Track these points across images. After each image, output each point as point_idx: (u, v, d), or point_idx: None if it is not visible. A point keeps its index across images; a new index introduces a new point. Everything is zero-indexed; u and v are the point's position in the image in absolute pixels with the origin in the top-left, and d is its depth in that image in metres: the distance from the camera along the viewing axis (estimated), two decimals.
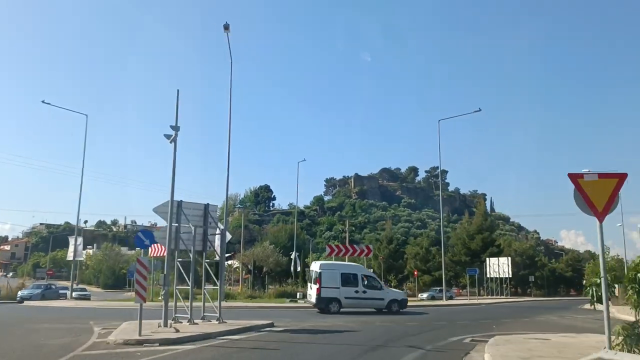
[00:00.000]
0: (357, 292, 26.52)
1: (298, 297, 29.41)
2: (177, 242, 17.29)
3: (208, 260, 20.32)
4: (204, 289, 19.58)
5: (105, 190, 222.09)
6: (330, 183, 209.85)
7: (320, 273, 26.05)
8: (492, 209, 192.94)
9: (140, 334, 13.73)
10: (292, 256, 46.30)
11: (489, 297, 65.38)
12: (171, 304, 17.30)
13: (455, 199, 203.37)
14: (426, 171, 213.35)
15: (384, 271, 67.65)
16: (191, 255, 17.71)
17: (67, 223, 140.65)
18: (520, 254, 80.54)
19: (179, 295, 17.84)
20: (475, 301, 46.68)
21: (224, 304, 19.39)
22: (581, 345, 12.79)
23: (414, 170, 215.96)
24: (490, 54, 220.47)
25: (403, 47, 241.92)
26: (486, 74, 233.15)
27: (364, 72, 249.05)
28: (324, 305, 25.56)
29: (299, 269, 46.42)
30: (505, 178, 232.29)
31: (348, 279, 26.53)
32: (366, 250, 31.06)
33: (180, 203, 17.40)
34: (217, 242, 19.07)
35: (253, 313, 24.88)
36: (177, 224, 17.25)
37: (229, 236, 20.97)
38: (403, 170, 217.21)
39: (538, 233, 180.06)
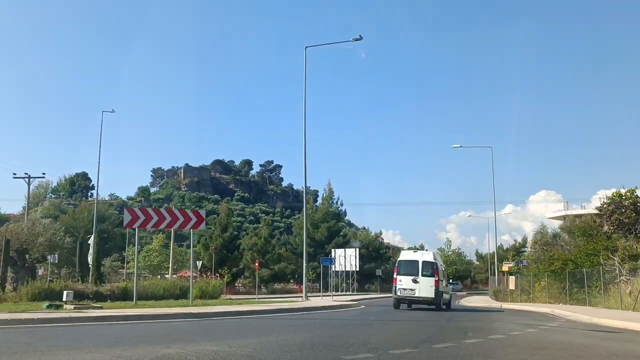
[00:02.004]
0: None
1: (65, 298, 17.31)
2: None
3: None
4: None
5: None
6: (157, 173, 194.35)
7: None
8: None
9: None
10: (91, 241, 33.80)
11: (339, 293, 57.22)
12: None
13: (289, 194, 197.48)
14: (261, 165, 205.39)
15: (215, 264, 56.81)
16: None
17: None
18: (366, 246, 73.66)
19: None
20: (345, 299, 37.42)
21: None
22: None
23: (248, 164, 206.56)
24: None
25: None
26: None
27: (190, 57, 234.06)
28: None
29: (90, 259, 33.81)
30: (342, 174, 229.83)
31: None
32: (195, 219, 20.07)
33: None
34: None
35: None
36: None
37: None
38: (237, 162, 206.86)
39: (367, 229, 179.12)
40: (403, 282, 23.72)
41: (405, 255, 25.70)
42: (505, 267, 55.66)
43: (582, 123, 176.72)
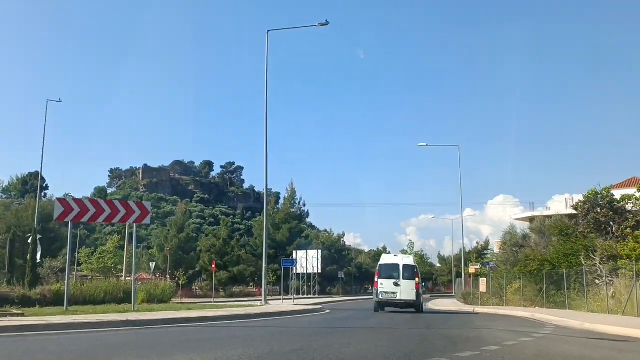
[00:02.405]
0: None
1: None
2: None
3: None
4: None
5: None
6: (115, 174, 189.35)
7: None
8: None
9: None
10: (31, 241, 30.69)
11: (300, 296, 55.01)
12: None
13: (250, 196, 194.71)
14: (222, 166, 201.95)
15: (171, 265, 54.00)
16: None
17: None
18: (328, 247, 71.55)
19: None
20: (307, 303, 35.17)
21: None
22: None
23: (209, 165, 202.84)
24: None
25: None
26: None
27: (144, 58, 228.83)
28: None
29: (38, 259, 30.62)
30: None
31: None
32: (138, 212, 17.50)
33: None
34: None
35: None
36: None
37: None
38: (198, 164, 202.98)
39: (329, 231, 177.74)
40: (385, 286, 23.94)
41: (385, 259, 26.21)
42: (472, 269, 54.27)
43: (549, 126, 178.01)
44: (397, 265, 24.45)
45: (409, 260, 25.67)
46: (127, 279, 46.60)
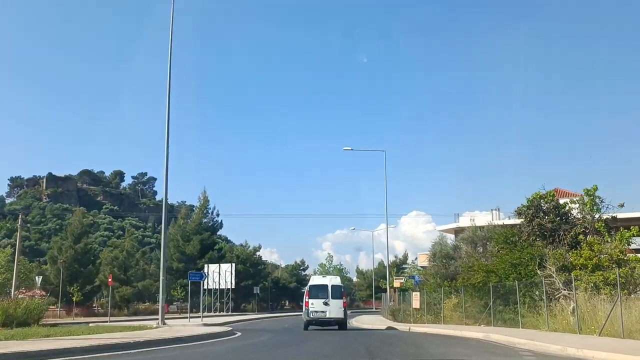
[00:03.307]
0: None
1: None
2: None
3: None
4: None
5: None
6: (16, 183, 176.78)
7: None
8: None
9: None
10: None
11: (211, 314, 50.01)
12: None
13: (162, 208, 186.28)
14: (133, 177, 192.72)
15: (64, 280, 47.65)
16: None
17: None
18: (243, 261, 66.69)
19: None
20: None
21: None
22: None
23: (119, 175, 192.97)
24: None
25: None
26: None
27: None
28: None
29: None
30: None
31: None
32: None
33: None
34: None
35: None
36: None
37: None
38: (108, 174, 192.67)
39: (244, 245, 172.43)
40: (315, 305, 25.03)
41: (315, 280, 27.58)
42: (397, 283, 50.91)
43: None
44: (326, 285, 25.79)
45: (337, 281, 27.16)
46: (20, 296, 40.31)
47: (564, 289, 20.65)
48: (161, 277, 21.73)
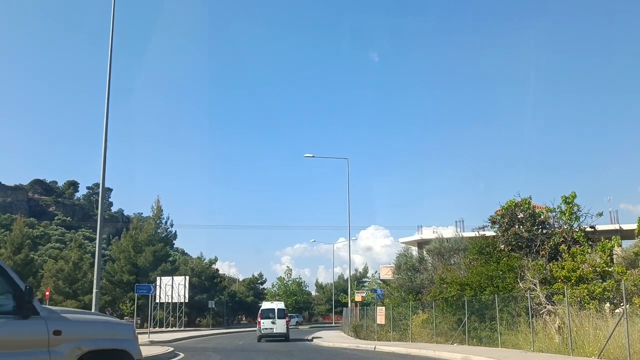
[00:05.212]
0: None
1: None
2: None
3: None
4: None
5: None
6: None
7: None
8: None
9: None
10: None
11: (163, 329, 46.87)
12: None
13: (119, 220, 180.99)
14: (88, 187, 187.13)
15: None
16: None
17: None
18: (198, 274, 63.61)
19: None
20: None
21: None
22: None
23: (73, 185, 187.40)
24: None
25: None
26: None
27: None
28: None
29: None
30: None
31: None
32: None
33: None
34: None
35: None
36: None
37: None
38: (61, 184, 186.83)
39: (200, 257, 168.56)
40: (265, 324, 32.57)
41: (265, 305, 35.76)
42: (358, 297, 48.75)
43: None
44: (274, 309, 33.51)
45: (281, 305, 35.11)
46: None
47: (548, 304, 18.70)
48: (94, 290, 18.80)
